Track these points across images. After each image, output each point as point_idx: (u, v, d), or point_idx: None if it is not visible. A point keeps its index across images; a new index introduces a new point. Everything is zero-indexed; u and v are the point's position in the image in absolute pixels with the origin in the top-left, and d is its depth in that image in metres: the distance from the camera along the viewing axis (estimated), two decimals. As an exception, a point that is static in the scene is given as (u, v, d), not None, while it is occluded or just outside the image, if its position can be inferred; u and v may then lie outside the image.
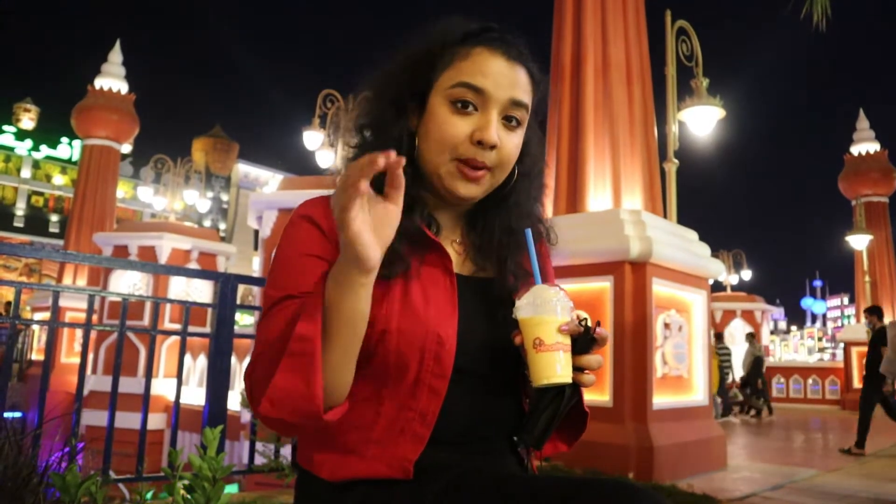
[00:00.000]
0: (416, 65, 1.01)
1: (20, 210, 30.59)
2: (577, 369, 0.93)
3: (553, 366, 0.90)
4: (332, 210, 0.83)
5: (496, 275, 1.07)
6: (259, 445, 3.49)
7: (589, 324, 0.94)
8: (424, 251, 0.98)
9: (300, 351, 0.83)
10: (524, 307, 0.92)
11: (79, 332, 13.55)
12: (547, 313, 0.91)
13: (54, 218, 31.19)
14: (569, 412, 0.98)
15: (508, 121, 0.99)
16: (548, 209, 1.16)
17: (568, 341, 0.92)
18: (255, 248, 28.95)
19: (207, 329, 3.52)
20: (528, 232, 0.99)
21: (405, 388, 0.93)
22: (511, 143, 1.00)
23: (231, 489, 3.28)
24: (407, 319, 0.94)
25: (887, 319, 15.19)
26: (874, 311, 8.18)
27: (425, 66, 1.00)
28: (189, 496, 2.01)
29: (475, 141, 0.96)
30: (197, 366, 12.22)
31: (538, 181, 1.11)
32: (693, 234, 6.04)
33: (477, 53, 0.98)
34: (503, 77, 0.98)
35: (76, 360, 13.04)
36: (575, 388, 0.93)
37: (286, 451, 3.57)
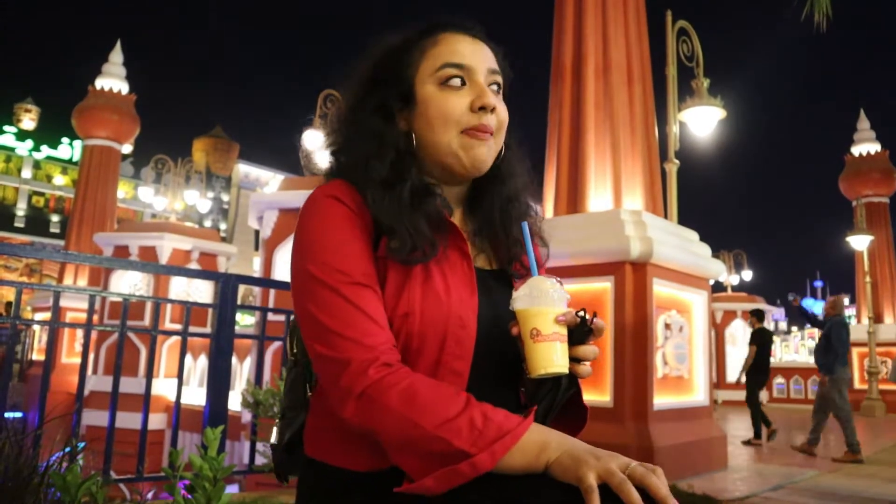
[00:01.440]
0: (386, 70, 1.06)
1: (21, 210, 30.58)
2: (574, 360, 0.94)
3: (550, 356, 0.90)
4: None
5: (498, 264, 1.10)
6: (259, 445, 3.49)
7: (585, 315, 0.95)
8: (443, 235, 1.00)
9: (463, 476, 0.82)
10: (521, 298, 0.93)
11: (79, 333, 13.57)
12: (544, 304, 0.91)
13: (55, 218, 31.18)
14: (567, 406, 0.99)
15: (492, 88, 1.05)
16: (548, 210, 1.19)
17: (565, 332, 0.92)
18: (256, 248, 28.95)
19: (208, 329, 3.53)
20: (525, 225, 1.02)
21: (425, 371, 0.94)
22: (501, 106, 1.06)
23: (232, 489, 3.28)
24: (429, 303, 0.95)
25: (888, 320, 15.25)
26: (754, 313, 8.74)
27: (398, 68, 1.04)
28: (190, 496, 2.01)
29: (476, 108, 1.01)
30: (198, 366, 12.22)
31: (520, 155, 1.16)
32: (694, 235, 6.04)
33: (444, 38, 1.05)
34: (475, 52, 1.05)
35: (77, 360, 13.05)
36: (572, 378, 0.95)
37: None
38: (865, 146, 16.50)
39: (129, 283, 12.88)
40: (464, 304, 0.97)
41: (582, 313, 0.94)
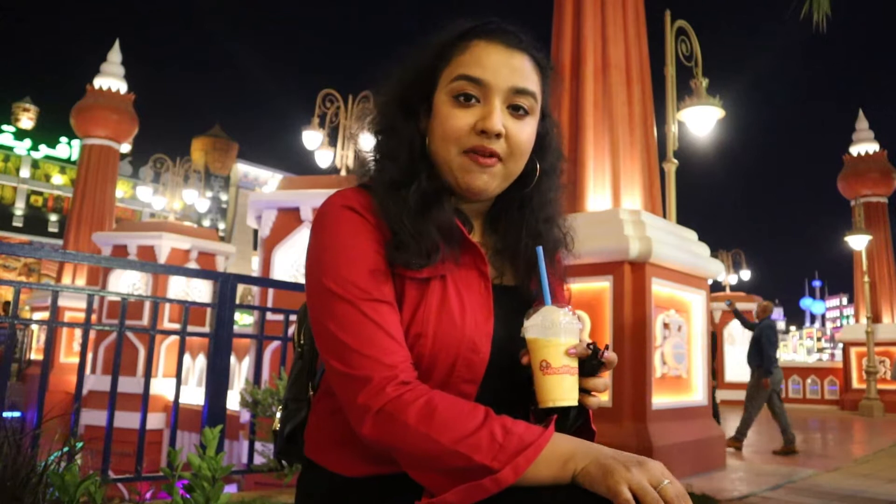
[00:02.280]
0: (419, 68, 1.02)
1: (19, 210, 30.54)
2: (583, 391, 0.92)
3: (558, 389, 0.89)
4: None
5: (518, 282, 1.06)
6: (258, 445, 3.49)
7: (597, 347, 0.94)
8: (460, 252, 0.98)
9: (485, 491, 0.80)
10: (532, 328, 0.91)
11: (78, 332, 13.54)
12: (554, 335, 0.90)
13: (53, 217, 31.14)
14: (575, 432, 0.97)
15: (515, 110, 0.98)
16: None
17: (575, 364, 0.91)
18: (255, 247, 28.93)
19: (207, 329, 3.52)
20: (540, 250, 0.98)
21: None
22: (522, 131, 0.98)
23: (230, 489, 3.27)
24: (443, 325, 0.93)
25: (886, 319, 15.26)
26: None
27: (428, 68, 1.01)
28: (188, 496, 2.01)
29: (478, 131, 0.95)
30: (196, 365, 12.21)
31: (559, 180, 1.11)
32: (692, 234, 6.04)
33: (474, 46, 0.98)
34: (502, 66, 0.97)
35: (75, 359, 13.02)
36: (581, 409, 0.93)
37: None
38: (864, 146, 16.50)
39: (127, 282, 12.88)
40: (478, 329, 0.95)
41: (593, 346, 0.93)
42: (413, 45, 1.05)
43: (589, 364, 0.92)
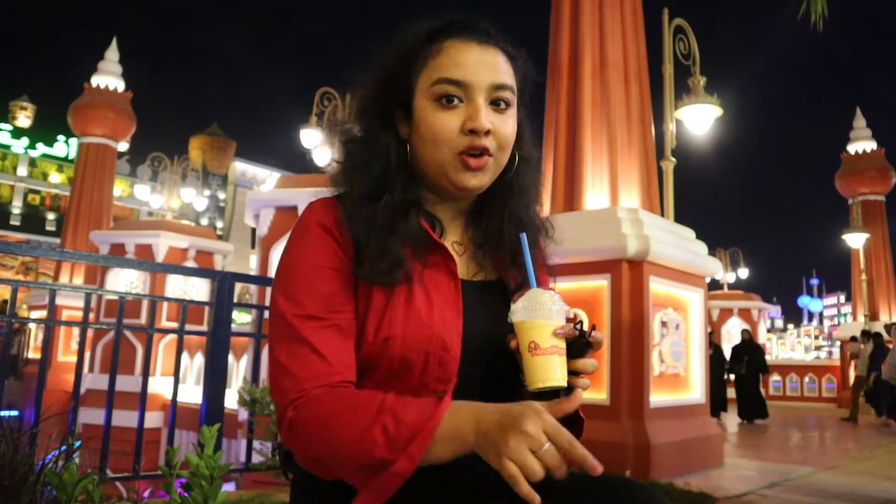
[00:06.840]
0: (391, 75, 1.02)
1: (16, 208, 30.51)
2: (573, 373, 0.92)
3: (548, 369, 0.89)
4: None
5: (501, 272, 1.07)
6: (256, 443, 3.49)
7: (584, 327, 0.94)
8: (428, 254, 0.98)
9: (390, 484, 0.83)
10: (519, 311, 0.92)
11: (75, 331, 13.54)
12: (542, 317, 0.90)
13: (51, 216, 31.12)
14: (565, 417, 0.98)
15: (496, 104, 0.99)
16: (545, 204, 1.17)
17: (563, 345, 0.91)
18: (253, 246, 28.90)
19: (204, 327, 3.52)
20: (524, 236, 0.99)
21: (408, 392, 0.93)
22: (505, 125, 1.00)
23: (229, 487, 3.27)
24: (411, 325, 0.94)
25: (884, 317, 15.28)
26: None
27: (401, 74, 1.01)
28: (186, 494, 2.01)
29: (467, 130, 0.96)
30: (194, 364, 12.20)
31: (537, 168, 1.12)
32: (690, 233, 6.04)
33: (448, 46, 0.99)
34: (480, 64, 0.98)
35: (73, 358, 13.02)
36: (570, 391, 0.93)
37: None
38: (861, 144, 16.54)
39: (125, 281, 12.85)
40: (448, 327, 0.96)
41: (580, 326, 0.93)
42: (377, 50, 1.05)
43: (577, 345, 0.93)
